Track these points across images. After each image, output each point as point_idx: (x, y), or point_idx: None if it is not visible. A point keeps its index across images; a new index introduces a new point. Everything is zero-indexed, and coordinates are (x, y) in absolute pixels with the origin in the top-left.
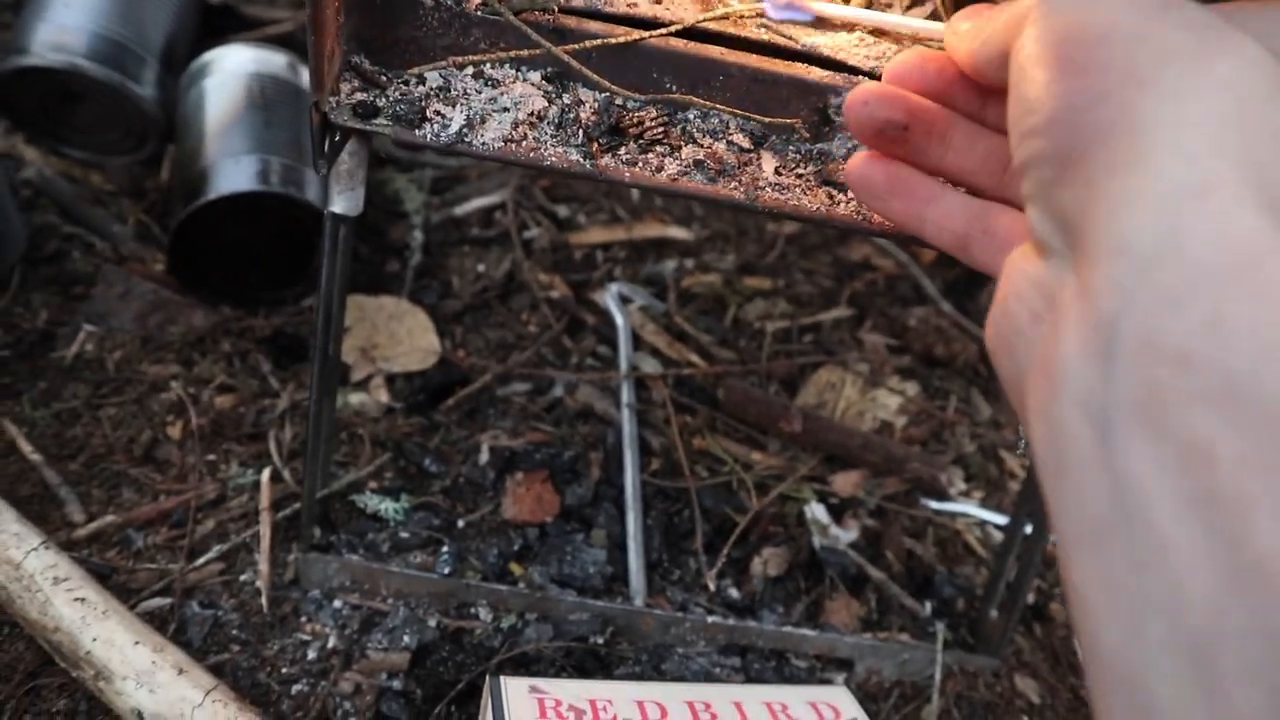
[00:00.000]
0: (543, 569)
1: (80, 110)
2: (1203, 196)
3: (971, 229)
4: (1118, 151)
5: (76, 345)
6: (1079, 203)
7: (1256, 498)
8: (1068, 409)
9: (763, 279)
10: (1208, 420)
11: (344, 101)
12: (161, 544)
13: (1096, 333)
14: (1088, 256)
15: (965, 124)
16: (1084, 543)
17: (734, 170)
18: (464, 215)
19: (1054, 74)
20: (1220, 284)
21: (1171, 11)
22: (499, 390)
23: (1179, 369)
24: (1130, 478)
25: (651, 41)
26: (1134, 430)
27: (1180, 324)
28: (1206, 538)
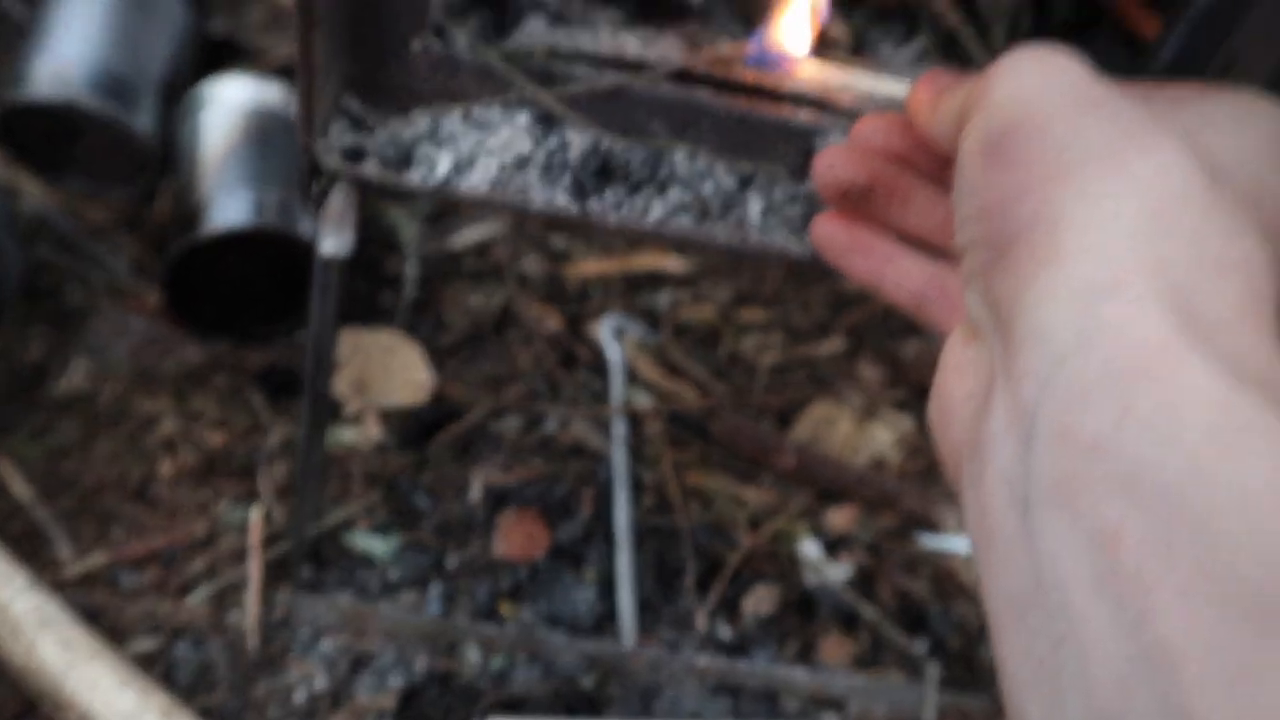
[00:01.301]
0: (533, 608)
1: (79, 142)
2: (1112, 294)
3: (928, 289)
4: (1039, 245)
5: (69, 380)
6: (1007, 291)
7: (1159, 579)
8: (993, 487)
9: (758, 310)
10: (1115, 505)
11: (333, 144)
12: (151, 583)
13: (1018, 418)
14: (1012, 344)
15: (927, 187)
16: (1009, 616)
17: (721, 212)
18: (459, 248)
19: (990, 163)
20: (1126, 381)
21: (1104, 109)
22: (491, 425)
23: (1090, 457)
24: (1048, 556)
25: (638, 84)
26: (1050, 511)
27: (1091, 416)
28: (1115, 617)
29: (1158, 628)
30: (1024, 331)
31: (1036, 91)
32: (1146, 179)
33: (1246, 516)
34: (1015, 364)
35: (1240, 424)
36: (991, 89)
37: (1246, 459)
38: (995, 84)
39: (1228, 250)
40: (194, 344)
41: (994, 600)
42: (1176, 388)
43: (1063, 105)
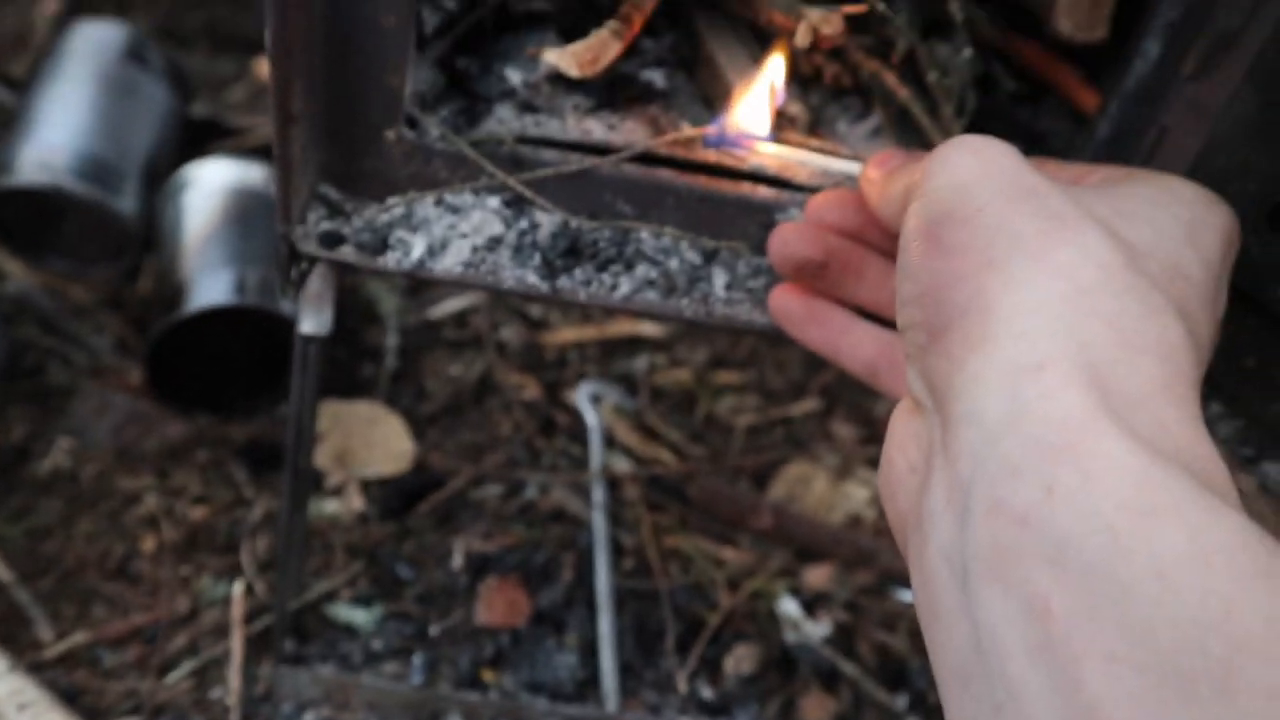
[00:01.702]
0: (515, 675)
1: (62, 224)
2: (1036, 376)
3: (880, 359)
4: (971, 331)
5: (52, 460)
6: (942, 373)
7: (1087, 647)
8: (935, 560)
9: (734, 373)
10: (1044, 577)
11: (310, 230)
12: (132, 662)
13: (955, 492)
14: (949, 421)
15: (878, 261)
16: (954, 683)
17: (686, 287)
18: (438, 318)
19: (927, 250)
20: (1051, 457)
21: (1032, 201)
22: (472, 493)
23: (1020, 530)
24: (985, 626)
25: (604, 167)
26: (986, 583)
27: (1020, 491)
28: (1048, 684)
29: (1087, 693)
30: (958, 412)
31: (970, 180)
32: (1068, 266)
33: (1163, 585)
34: (952, 442)
35: (1156, 497)
36: (930, 176)
37: (1161, 531)
38: (933, 172)
39: (1144, 329)
40: (176, 420)
41: (940, 670)
42: (1096, 462)
43: (995, 194)
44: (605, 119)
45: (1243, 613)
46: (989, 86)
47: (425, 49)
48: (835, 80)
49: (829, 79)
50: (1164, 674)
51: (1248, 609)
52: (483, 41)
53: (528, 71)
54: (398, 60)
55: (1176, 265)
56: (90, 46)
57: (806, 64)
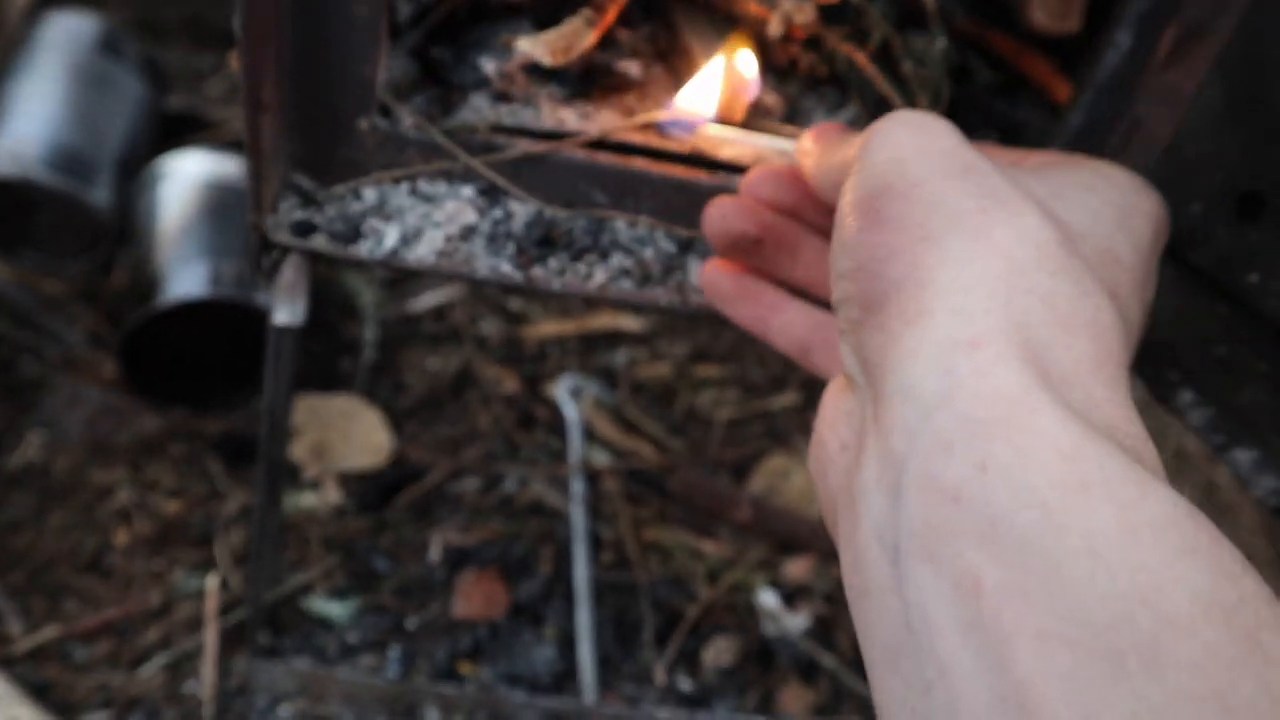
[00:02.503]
0: (493, 667)
1: (35, 217)
2: (971, 351)
3: (813, 338)
4: (907, 305)
5: (23, 453)
6: (877, 346)
7: (1017, 624)
8: (866, 538)
9: (714, 366)
10: (975, 554)
11: (283, 220)
12: (103, 656)
13: (888, 469)
14: (882, 397)
15: (814, 239)
16: (883, 663)
17: (661, 276)
18: (417, 312)
19: (863, 223)
20: (985, 433)
21: (970, 178)
22: (451, 486)
23: (952, 507)
24: (916, 604)
25: (578, 155)
26: (917, 561)
27: (953, 467)
28: (977, 662)
29: (1018, 671)
30: (892, 387)
31: (909, 155)
32: (1005, 244)
33: (1095, 562)
34: (885, 418)
35: (1088, 473)
36: (869, 150)
37: (1094, 506)
38: (872, 146)
39: (1078, 309)
40: (150, 414)
41: (870, 650)
42: (1030, 437)
43: (932, 170)
44: (580, 108)
45: (1170, 588)
46: (965, 77)
47: (399, 38)
48: (811, 71)
49: (805, 69)
50: (1094, 650)
51: (1175, 584)
52: (457, 31)
53: (502, 61)
54: (370, 49)
55: (1109, 249)
56: (63, 38)
57: (782, 55)
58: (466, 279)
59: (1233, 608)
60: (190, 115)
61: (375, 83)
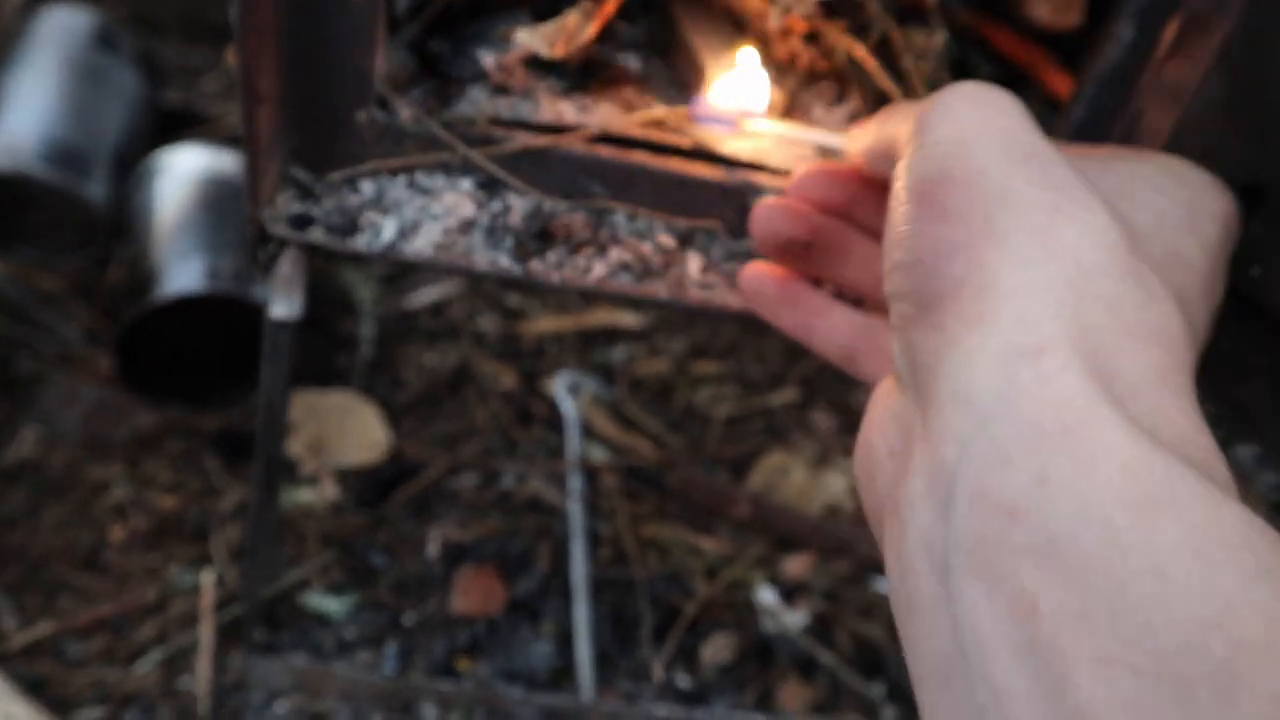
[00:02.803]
0: (490, 663)
1: (30, 212)
2: (1035, 359)
3: (859, 343)
4: (967, 305)
5: (19, 449)
6: (930, 348)
7: (1077, 648)
8: (914, 549)
9: (713, 363)
10: (1032, 573)
11: (280, 213)
12: (99, 652)
13: (937, 478)
14: (934, 401)
15: (864, 241)
16: (932, 681)
17: (660, 270)
18: (415, 308)
19: (921, 213)
20: (1046, 444)
21: (1035, 167)
22: (448, 482)
23: (1008, 522)
24: (967, 623)
25: (577, 148)
26: (969, 577)
27: (1010, 479)
28: (1033, 686)
29: (1077, 697)
30: (946, 392)
31: (971, 135)
32: (1073, 246)
33: (1162, 584)
34: (936, 424)
35: (1155, 490)
36: (927, 127)
37: (1161, 526)
38: (931, 122)
39: (1145, 317)
40: (146, 410)
41: (917, 665)
42: (1094, 452)
43: (996, 155)
44: (579, 101)
45: (1244, 613)
46: (965, 72)
47: (397, 31)
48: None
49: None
50: (1161, 677)
51: (1249, 609)
52: (455, 24)
53: (501, 54)
54: (368, 41)
55: (1176, 251)
56: (58, 32)
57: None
58: (465, 272)
59: None
60: (186, 111)
61: (373, 75)
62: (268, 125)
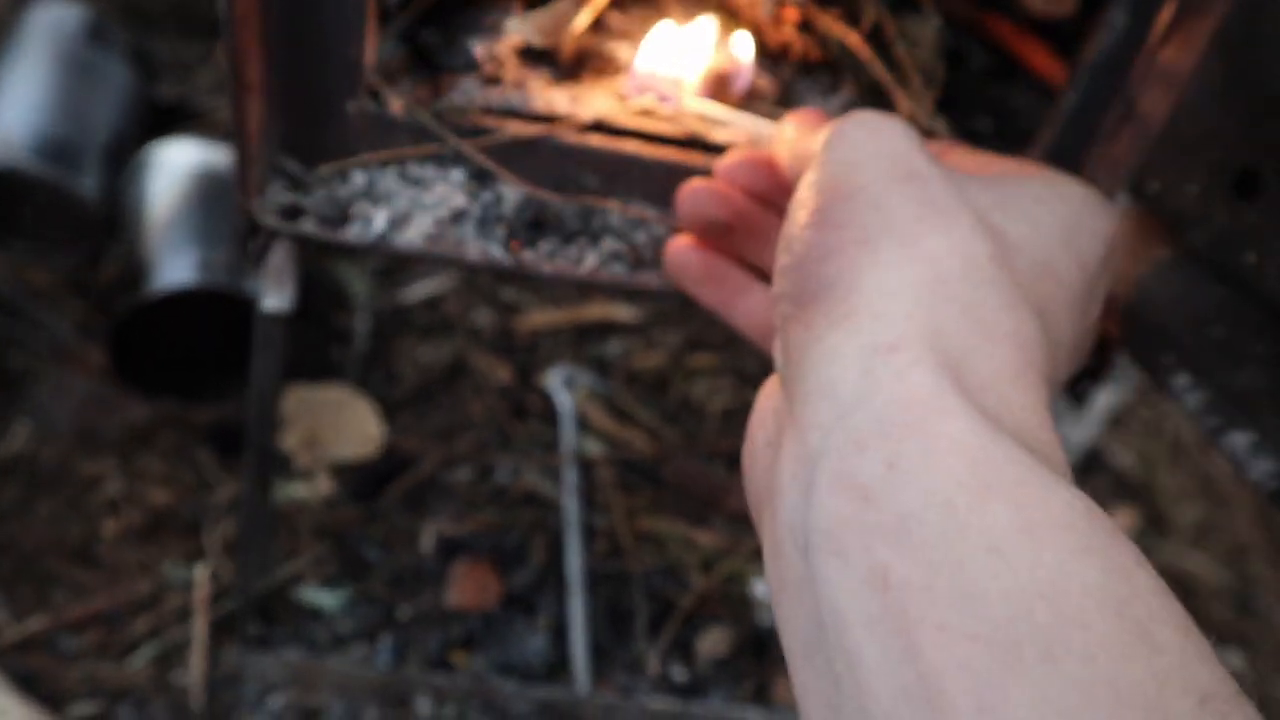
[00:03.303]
0: (485, 657)
1: (21, 206)
2: (889, 355)
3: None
4: (835, 304)
5: (11, 443)
6: (802, 343)
7: (921, 617)
8: (783, 533)
9: (708, 356)
10: (883, 550)
11: (270, 203)
12: (92, 646)
13: (801, 464)
14: (801, 394)
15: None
16: (799, 656)
17: (653, 260)
18: (409, 302)
19: (809, 220)
20: (897, 433)
21: (913, 184)
22: (443, 476)
23: (862, 504)
24: (826, 598)
25: (569, 138)
26: (826, 555)
27: (865, 464)
28: (884, 654)
29: (922, 663)
30: (812, 384)
31: (861, 158)
32: (934, 253)
33: (996, 559)
34: (803, 415)
35: (992, 475)
36: (827, 148)
37: (995, 507)
38: (830, 144)
39: (1000, 320)
40: (139, 404)
41: (788, 641)
42: (939, 440)
43: (879, 174)
44: (570, 91)
45: (1066, 584)
46: (959, 61)
47: (388, 21)
48: (804, 54)
49: (797, 53)
50: (994, 642)
51: (1070, 580)
52: (446, 14)
53: (492, 44)
54: (358, 30)
55: (1046, 262)
56: (49, 26)
57: (775, 38)
58: (456, 263)
59: (1124, 601)
60: (179, 105)
61: (364, 65)
62: (257, 115)
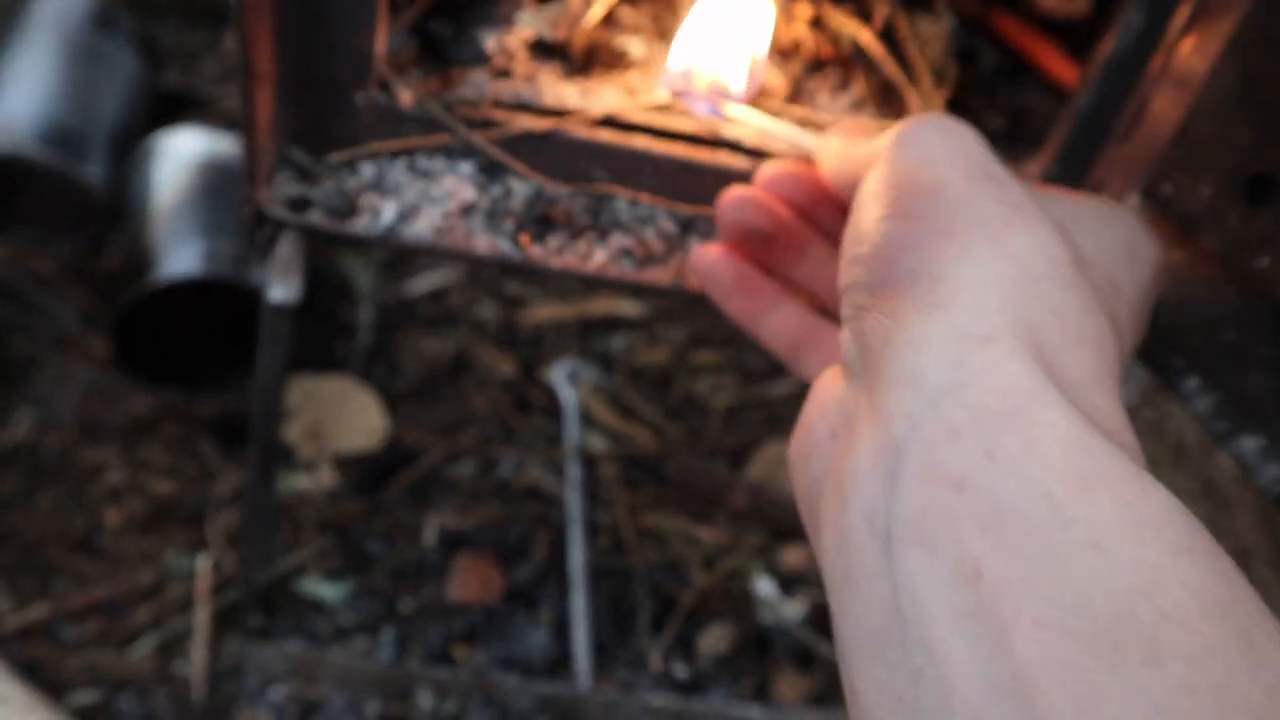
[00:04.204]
0: (487, 651)
1: (26, 193)
2: (984, 345)
3: (804, 341)
4: (921, 294)
5: (13, 432)
6: (883, 331)
7: (1016, 614)
8: (855, 520)
9: (712, 352)
10: (976, 542)
11: (278, 194)
12: (93, 635)
13: (884, 453)
14: (882, 382)
15: (822, 242)
16: (865, 649)
17: (661, 256)
18: (414, 294)
19: (885, 213)
20: (995, 423)
21: (992, 184)
22: (446, 469)
23: (955, 494)
24: (908, 589)
25: (579, 133)
26: (912, 546)
27: (958, 454)
28: (973, 649)
29: (1016, 658)
30: (896, 373)
31: (938, 157)
32: (1022, 251)
33: (1098, 555)
34: (885, 404)
35: (1095, 469)
36: (897, 148)
37: (1099, 501)
38: (901, 144)
39: (1082, 324)
40: (142, 393)
41: (849, 634)
42: (1039, 431)
43: (959, 172)
44: (581, 85)
45: (1170, 584)
46: (970, 60)
47: (398, 12)
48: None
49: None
50: (1094, 640)
51: (1174, 580)
52: (457, 6)
53: (503, 37)
54: (369, 21)
55: (1113, 279)
56: (56, 13)
57: (786, 35)
58: (464, 256)
59: (1227, 606)
60: (185, 93)
61: (374, 56)
62: (266, 105)
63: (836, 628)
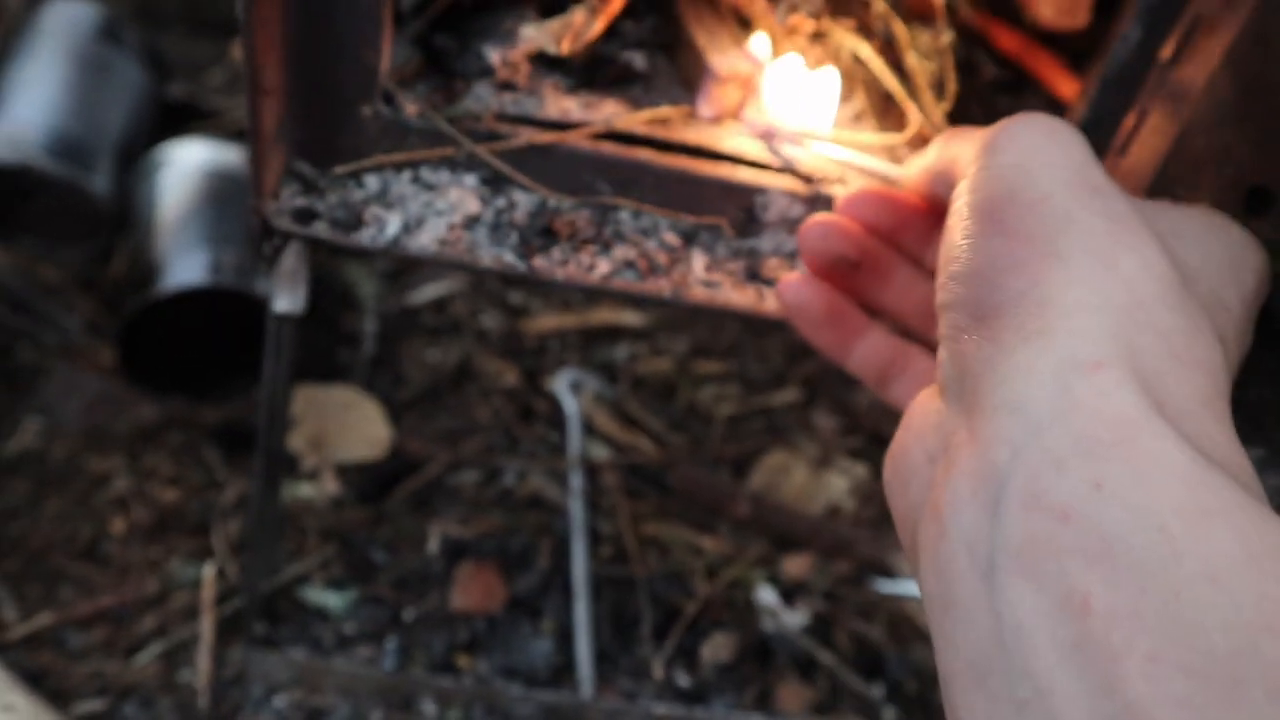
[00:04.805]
0: (490, 660)
1: (33, 203)
2: (1091, 373)
3: (892, 367)
4: (1026, 317)
5: (20, 440)
6: (984, 357)
7: (1127, 648)
8: (955, 547)
9: (715, 362)
10: (1084, 574)
11: (284, 206)
12: (99, 643)
13: (985, 481)
14: (983, 408)
15: (907, 266)
16: (968, 678)
17: (664, 268)
18: (417, 304)
19: (984, 228)
20: (1102, 452)
21: (1098, 199)
22: (449, 478)
23: (1060, 524)
24: (1012, 620)
25: (582, 145)
26: (1015, 577)
27: (1064, 484)
28: (1081, 683)
29: (1127, 693)
30: (999, 399)
31: (1038, 164)
32: (1130, 275)
33: (1215, 589)
34: (985, 431)
35: (1208, 500)
36: (993, 151)
37: (1215, 533)
38: (997, 146)
39: (1192, 347)
40: (148, 402)
41: (950, 661)
42: (1149, 461)
43: (1063, 184)
44: (584, 99)
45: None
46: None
47: (403, 26)
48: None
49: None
50: (1213, 677)
51: None
52: (461, 19)
53: (507, 50)
54: (374, 34)
55: (1218, 294)
56: (63, 24)
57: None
58: (469, 268)
59: None
60: (190, 104)
61: (379, 69)
62: (272, 118)
63: (938, 653)
